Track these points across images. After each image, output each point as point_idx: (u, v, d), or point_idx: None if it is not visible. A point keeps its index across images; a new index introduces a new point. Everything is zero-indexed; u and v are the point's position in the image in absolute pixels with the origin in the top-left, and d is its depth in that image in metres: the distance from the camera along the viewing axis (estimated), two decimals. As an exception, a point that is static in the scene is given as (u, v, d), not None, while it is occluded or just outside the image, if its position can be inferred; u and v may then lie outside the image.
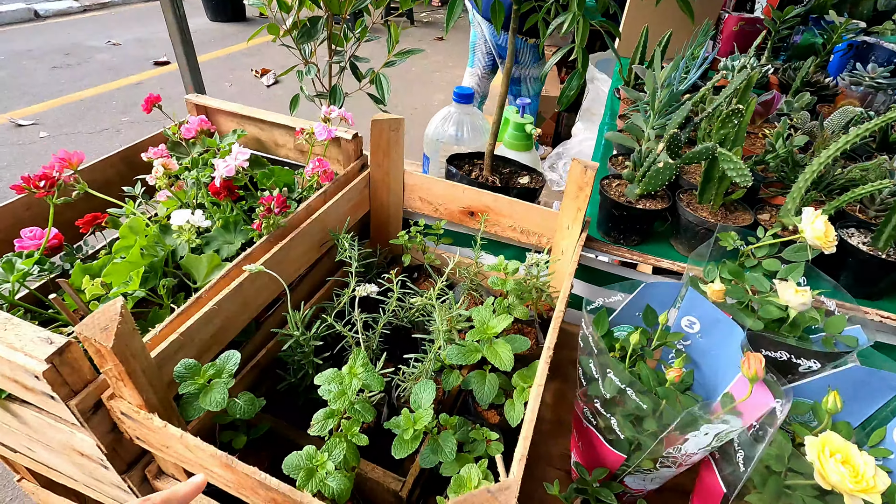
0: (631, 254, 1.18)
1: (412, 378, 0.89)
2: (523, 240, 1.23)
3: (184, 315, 0.80)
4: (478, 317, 0.87)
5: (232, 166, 0.99)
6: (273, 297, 0.98)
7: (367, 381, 0.70)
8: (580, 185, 1.05)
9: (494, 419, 0.96)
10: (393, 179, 1.26)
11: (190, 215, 0.92)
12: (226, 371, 0.71)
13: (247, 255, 0.92)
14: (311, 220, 1.05)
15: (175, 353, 0.76)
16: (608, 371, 0.75)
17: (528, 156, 1.92)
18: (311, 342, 0.90)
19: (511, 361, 0.80)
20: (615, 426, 0.75)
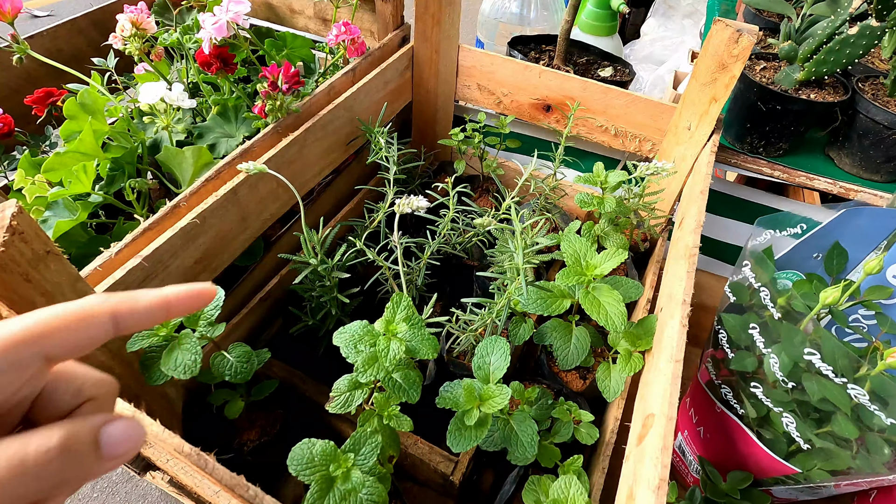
0: (773, 168, 0.85)
1: (471, 330, 0.65)
2: (617, 145, 0.92)
3: (152, 231, 0.56)
4: (570, 249, 0.60)
5: (223, 22, 0.70)
6: (285, 209, 0.73)
7: (414, 345, 0.46)
8: (724, 60, 0.71)
9: (577, 384, 0.72)
10: (444, 57, 0.94)
11: (164, 90, 0.65)
12: (203, 317, 0.47)
13: (244, 150, 0.66)
14: (333, 105, 0.76)
15: (141, 286, 0.53)
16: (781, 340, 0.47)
17: (610, 42, 1.52)
18: (335, 274, 0.65)
19: (623, 318, 0.54)
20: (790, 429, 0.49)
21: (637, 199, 0.79)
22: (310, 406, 0.69)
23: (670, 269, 0.64)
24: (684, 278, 0.55)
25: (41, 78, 0.88)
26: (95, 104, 0.64)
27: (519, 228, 0.52)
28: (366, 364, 0.45)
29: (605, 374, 0.64)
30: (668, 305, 0.57)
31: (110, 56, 0.85)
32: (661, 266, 0.86)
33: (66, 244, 0.61)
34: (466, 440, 0.49)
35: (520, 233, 0.52)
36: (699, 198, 0.66)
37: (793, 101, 0.77)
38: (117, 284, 0.50)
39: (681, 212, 0.75)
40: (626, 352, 0.60)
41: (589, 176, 0.72)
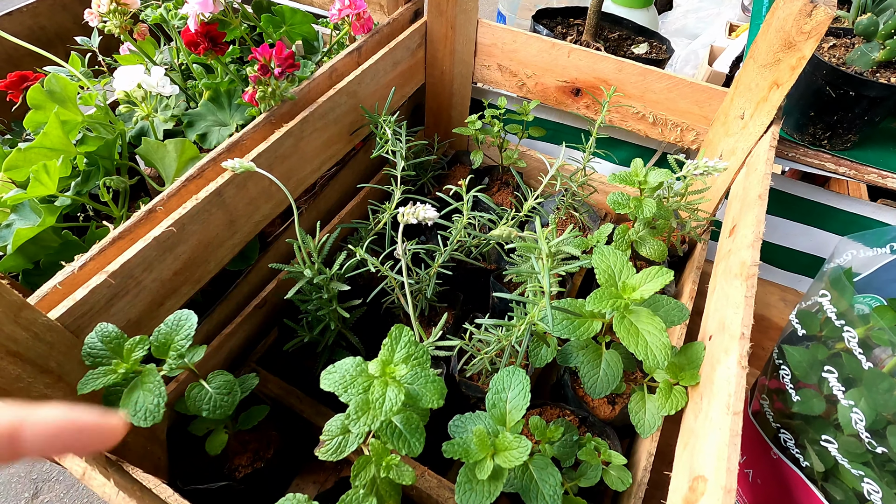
0: (837, 163, 0.74)
1: (485, 353, 0.57)
2: (654, 135, 0.81)
3: (125, 239, 0.49)
4: (603, 264, 0.51)
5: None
6: (280, 209, 0.66)
7: (416, 390, 0.38)
8: (791, 37, 0.60)
9: (605, 411, 0.64)
10: (460, 35, 0.84)
11: (142, 75, 0.58)
12: (173, 347, 0.41)
13: (232, 144, 0.58)
14: (335, 90, 0.67)
15: (109, 305, 0.47)
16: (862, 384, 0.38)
17: (644, 15, 1.39)
18: (333, 285, 0.58)
19: (666, 354, 0.45)
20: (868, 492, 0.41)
21: (679, 199, 0.69)
22: (307, 428, 0.63)
23: (720, 288, 0.55)
24: (741, 305, 0.46)
25: (22, 59, 0.81)
26: (65, 91, 0.57)
27: (545, 247, 0.43)
28: (358, 410, 0.38)
29: (640, 404, 0.56)
30: (719, 336, 0.48)
31: (94, 34, 0.78)
32: (702, 273, 0.77)
33: (35, 251, 0.55)
34: (479, 496, 0.42)
35: (546, 251, 0.43)
36: (756, 203, 0.56)
37: (870, 85, 0.65)
38: (79, 305, 0.44)
39: (730, 216, 0.65)
40: (666, 385, 0.52)
41: (625, 174, 0.62)
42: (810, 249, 0.90)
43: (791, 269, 0.94)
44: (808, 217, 0.87)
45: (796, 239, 0.89)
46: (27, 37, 0.82)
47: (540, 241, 0.44)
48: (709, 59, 1.83)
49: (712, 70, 1.71)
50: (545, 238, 0.44)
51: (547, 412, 0.63)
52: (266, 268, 0.71)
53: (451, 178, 0.89)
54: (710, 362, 0.48)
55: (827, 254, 0.90)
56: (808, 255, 0.91)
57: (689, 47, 2.30)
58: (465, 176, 0.89)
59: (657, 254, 0.67)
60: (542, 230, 0.44)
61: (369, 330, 0.69)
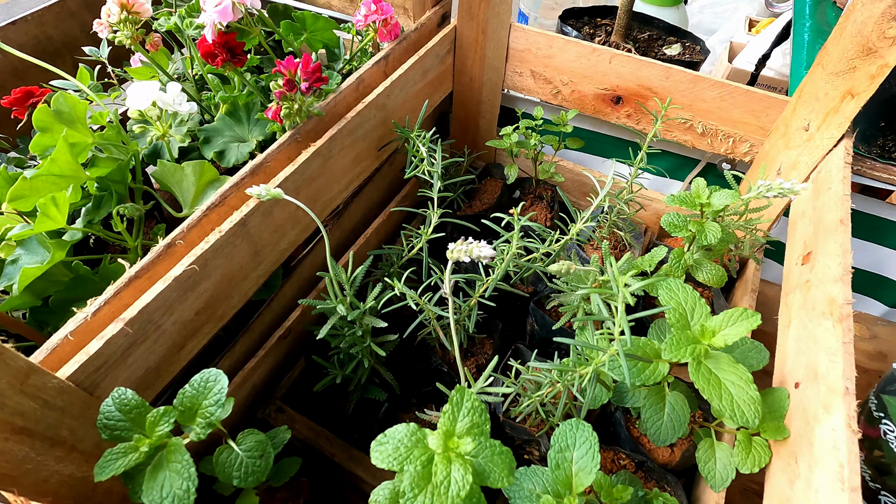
0: (906, 177, 0.68)
1: (536, 396, 0.52)
2: (701, 146, 0.76)
3: (143, 278, 0.44)
4: (673, 300, 0.46)
5: (228, 3, 0.56)
6: (307, 234, 0.61)
7: (483, 465, 0.33)
8: (871, 43, 0.54)
9: (664, 454, 0.58)
10: (491, 40, 0.78)
11: (157, 92, 0.53)
12: (201, 413, 0.36)
13: (256, 166, 0.53)
14: (364, 104, 0.62)
15: (126, 354, 0.42)
16: None
17: (675, 13, 1.32)
18: (368, 320, 0.53)
19: (757, 411, 0.40)
20: None
21: (736, 217, 0.64)
22: (339, 473, 0.58)
23: (802, 326, 0.49)
24: (839, 352, 0.41)
25: (28, 70, 0.76)
26: (74, 111, 0.52)
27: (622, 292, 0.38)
28: (414, 487, 0.33)
29: (709, 453, 0.51)
30: (811, 386, 0.43)
31: (103, 44, 0.73)
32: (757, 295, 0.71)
33: (44, 287, 0.50)
34: (548, 578, 0.36)
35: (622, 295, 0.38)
36: (838, 229, 0.51)
37: (953, 93, 0.59)
38: (94, 359, 0.39)
39: (799, 238, 0.60)
40: (745, 436, 0.47)
41: (685, 196, 0.57)
42: (867, 266, 0.84)
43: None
44: (866, 232, 0.81)
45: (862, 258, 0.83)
46: (33, 47, 0.77)
47: (615, 284, 0.39)
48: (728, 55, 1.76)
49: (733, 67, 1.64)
50: (622, 280, 0.38)
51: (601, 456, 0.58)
52: (290, 296, 0.67)
53: (482, 193, 0.84)
54: (801, 416, 0.43)
55: (884, 271, 0.84)
56: (865, 273, 0.85)
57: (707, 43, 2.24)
58: (497, 191, 0.83)
59: (715, 279, 0.61)
60: (618, 273, 0.39)
61: (403, 363, 0.64)
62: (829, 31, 0.97)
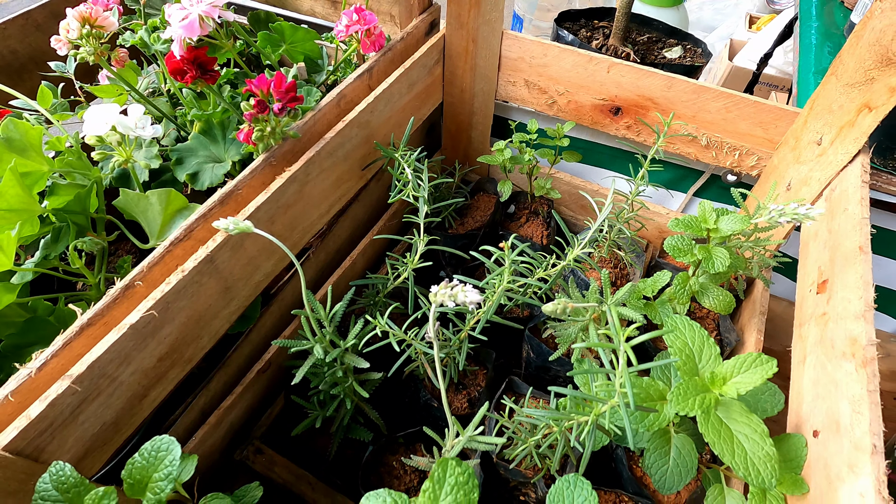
0: (924, 192, 0.64)
1: (532, 441, 0.48)
2: (706, 159, 0.72)
3: (97, 325, 0.40)
4: (678, 342, 0.42)
5: (194, 16, 0.52)
6: (283, 264, 0.56)
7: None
8: (889, 53, 0.50)
9: (670, 498, 0.54)
10: (483, 49, 0.74)
11: (117, 116, 0.48)
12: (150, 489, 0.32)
13: (226, 194, 0.49)
14: (345, 123, 0.58)
15: (76, 412, 0.38)
16: None
17: (675, 14, 1.28)
18: (349, 359, 0.49)
19: (774, 470, 0.36)
20: None
21: (745, 238, 0.60)
22: (321, 521, 0.54)
23: (823, 369, 0.45)
24: (864, 402, 0.37)
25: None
26: (26, 138, 0.48)
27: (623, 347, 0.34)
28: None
29: (719, 499, 0.47)
30: (834, 439, 0.39)
31: (69, 60, 0.69)
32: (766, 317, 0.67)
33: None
34: None
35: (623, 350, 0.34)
36: (858, 258, 0.47)
37: (976, 105, 0.55)
38: (36, 423, 0.35)
39: (813, 262, 0.56)
40: (758, 490, 0.43)
41: (690, 220, 0.53)
42: (879, 281, 0.80)
43: (854, 300, 0.84)
44: (877, 246, 0.77)
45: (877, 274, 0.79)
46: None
47: (615, 337, 0.35)
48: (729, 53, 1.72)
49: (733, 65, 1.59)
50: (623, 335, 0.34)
51: (601, 498, 0.54)
52: (269, 326, 0.62)
53: (474, 210, 0.80)
54: (822, 471, 0.39)
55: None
56: (877, 288, 0.80)
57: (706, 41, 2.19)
58: (490, 207, 0.79)
59: (723, 306, 0.57)
60: (619, 326, 0.35)
61: (390, 397, 0.60)
62: (838, 33, 0.93)
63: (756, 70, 1.51)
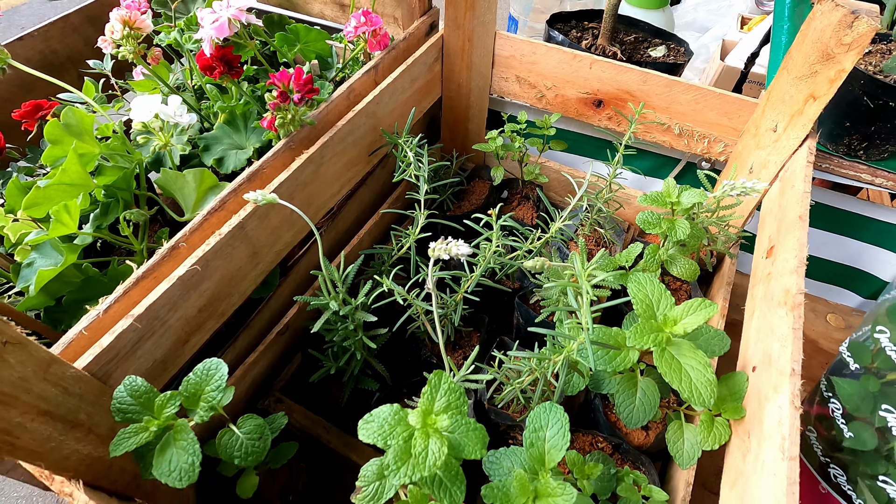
0: (874, 174, 0.71)
1: (517, 384, 0.56)
2: (679, 146, 0.79)
3: (149, 278, 0.48)
4: (640, 293, 0.50)
5: (224, 19, 0.60)
6: (301, 235, 0.64)
7: (458, 439, 0.37)
8: (830, 49, 0.57)
9: (639, 437, 0.62)
10: (478, 48, 0.82)
11: (159, 105, 0.56)
12: (204, 398, 0.39)
13: (253, 173, 0.57)
14: (354, 112, 0.66)
15: (135, 348, 0.46)
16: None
17: (661, 16, 1.36)
18: (358, 314, 0.57)
19: (713, 392, 0.44)
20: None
21: (709, 215, 0.67)
22: (335, 460, 0.62)
23: (762, 315, 0.53)
24: (789, 338, 0.45)
25: (35, 83, 0.80)
26: (82, 124, 0.56)
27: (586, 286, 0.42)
28: (398, 460, 0.37)
29: (677, 434, 0.54)
30: (765, 370, 0.46)
31: (106, 58, 0.77)
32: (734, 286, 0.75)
33: (58, 287, 0.54)
34: (521, 545, 0.40)
35: (587, 289, 0.42)
36: (797, 225, 0.54)
37: (910, 94, 0.63)
38: (106, 352, 0.43)
39: (766, 234, 0.63)
40: (707, 417, 0.50)
41: (657, 195, 0.60)
42: (840, 259, 0.87)
43: (820, 278, 0.92)
44: (838, 226, 0.84)
45: (826, 249, 0.86)
46: (39, 61, 0.81)
47: (580, 279, 0.42)
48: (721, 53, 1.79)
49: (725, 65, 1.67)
50: (585, 274, 0.42)
51: (579, 439, 0.62)
52: (287, 294, 0.70)
53: (470, 194, 0.88)
54: (755, 397, 0.47)
55: (858, 264, 0.87)
56: (838, 265, 0.88)
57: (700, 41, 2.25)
58: (485, 192, 0.87)
59: (688, 273, 0.65)
60: (582, 266, 0.43)
61: (394, 355, 0.68)
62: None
63: (744, 69, 1.58)
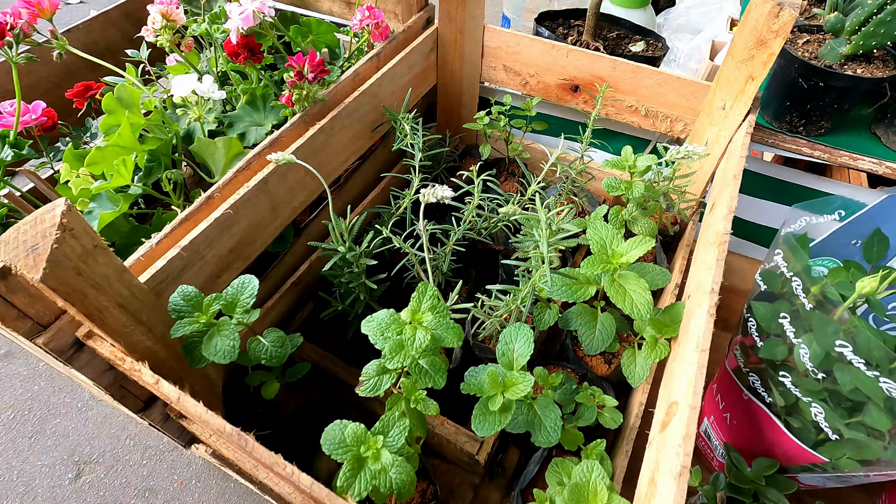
0: (812, 147, 0.81)
1: (496, 316, 0.66)
2: (647, 126, 0.89)
3: (189, 222, 0.58)
4: (596, 236, 0.60)
5: (249, 12, 0.71)
6: (313, 197, 0.75)
7: (439, 333, 0.47)
8: (762, 35, 0.67)
9: (602, 369, 0.72)
10: (469, 39, 0.93)
11: (196, 82, 0.67)
12: (239, 304, 0.50)
13: (273, 140, 0.67)
14: (359, 92, 0.76)
15: (180, 274, 0.56)
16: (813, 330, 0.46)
17: (642, 15, 1.46)
18: (362, 260, 0.67)
19: (649, 308, 0.54)
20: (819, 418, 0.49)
21: (667, 182, 0.77)
22: (341, 386, 0.72)
23: (699, 256, 0.63)
24: (714, 266, 0.55)
25: (79, 70, 0.91)
26: (131, 98, 0.67)
27: (544, 218, 0.52)
28: (393, 351, 0.47)
29: (631, 359, 0.64)
30: (696, 293, 0.57)
31: (143, 47, 0.88)
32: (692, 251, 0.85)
33: (110, 234, 0.64)
34: (490, 425, 0.50)
35: (545, 222, 0.52)
36: (732, 182, 0.64)
37: (837, 76, 0.73)
38: (159, 274, 0.53)
39: (713, 196, 0.73)
40: (651, 339, 0.60)
41: (617, 160, 0.71)
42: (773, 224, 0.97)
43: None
44: (789, 198, 0.94)
45: (779, 219, 0.96)
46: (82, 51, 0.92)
47: (539, 214, 0.52)
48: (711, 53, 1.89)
49: (713, 64, 1.77)
50: (544, 210, 0.52)
51: (551, 369, 0.72)
52: (300, 251, 0.81)
53: (462, 169, 0.98)
54: (687, 316, 0.57)
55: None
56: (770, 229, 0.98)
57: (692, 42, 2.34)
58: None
59: (648, 231, 0.75)
60: (542, 206, 0.53)
61: (393, 303, 0.78)
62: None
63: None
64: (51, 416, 1.90)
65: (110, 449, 1.81)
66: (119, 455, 1.80)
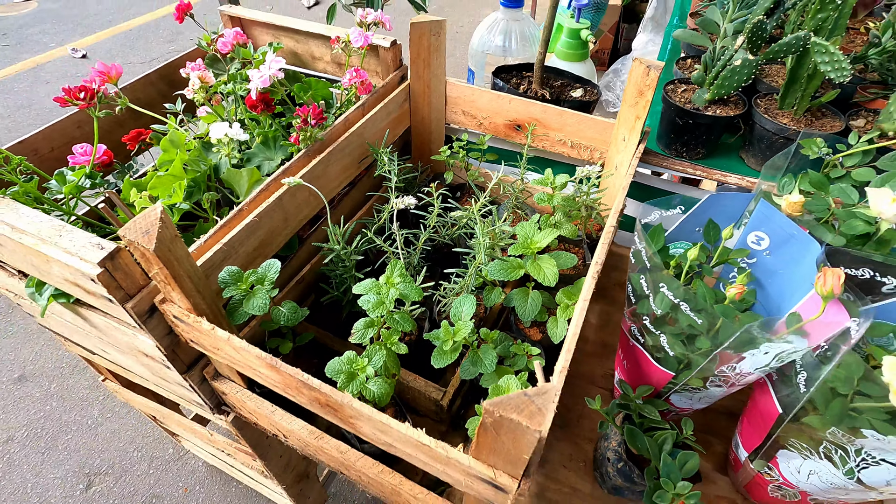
0: (694, 168, 1.07)
1: (453, 294, 0.88)
2: (574, 155, 1.15)
3: (226, 227, 0.81)
4: (521, 231, 0.83)
5: (266, 76, 0.96)
6: (314, 212, 0.98)
7: (405, 291, 0.69)
8: (640, 88, 0.94)
9: (537, 336, 0.94)
10: (434, 91, 1.19)
11: (228, 128, 0.91)
12: (267, 279, 0.72)
13: (285, 168, 0.91)
14: (349, 133, 1.01)
15: (221, 263, 0.78)
16: (661, 286, 0.69)
17: (582, 67, 1.76)
18: (353, 257, 0.89)
19: (555, 276, 0.77)
20: (664, 344, 0.71)
21: (584, 196, 1.02)
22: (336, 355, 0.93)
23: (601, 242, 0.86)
24: (602, 245, 0.78)
25: (126, 120, 1.15)
26: (180, 140, 0.90)
27: (477, 216, 0.75)
28: (374, 306, 0.69)
29: (553, 324, 0.86)
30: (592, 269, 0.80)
31: (178, 101, 1.12)
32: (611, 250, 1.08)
33: (163, 240, 0.86)
34: (444, 360, 0.72)
35: (480, 222, 0.75)
36: (621, 191, 0.89)
37: (701, 116, 0.99)
38: (206, 262, 0.75)
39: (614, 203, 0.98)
40: (563, 305, 0.83)
41: (542, 178, 0.95)
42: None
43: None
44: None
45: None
46: (130, 105, 1.16)
47: (475, 213, 0.76)
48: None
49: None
50: (478, 209, 0.75)
51: (498, 339, 0.93)
52: (303, 256, 1.03)
53: (431, 192, 1.22)
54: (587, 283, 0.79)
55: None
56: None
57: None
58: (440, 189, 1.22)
59: (571, 233, 0.99)
60: (476, 206, 0.76)
61: (376, 294, 1.00)
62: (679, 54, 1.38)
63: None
64: (62, 432, 2.04)
65: (119, 461, 1.95)
66: (127, 466, 1.95)
